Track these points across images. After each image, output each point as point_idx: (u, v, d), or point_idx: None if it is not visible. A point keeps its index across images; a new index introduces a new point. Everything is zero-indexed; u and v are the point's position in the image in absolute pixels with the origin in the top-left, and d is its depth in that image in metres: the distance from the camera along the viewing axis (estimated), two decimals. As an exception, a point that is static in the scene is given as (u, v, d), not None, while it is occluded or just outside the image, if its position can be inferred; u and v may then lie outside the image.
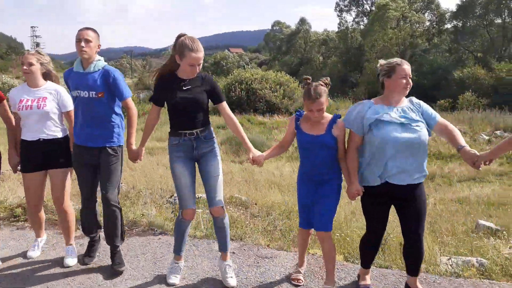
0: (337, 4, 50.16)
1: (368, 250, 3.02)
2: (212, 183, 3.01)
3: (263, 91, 22.77)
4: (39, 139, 3.22)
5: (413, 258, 2.86)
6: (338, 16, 50.24)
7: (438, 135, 2.92)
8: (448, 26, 40.68)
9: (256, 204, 5.81)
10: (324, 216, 2.89)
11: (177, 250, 3.20)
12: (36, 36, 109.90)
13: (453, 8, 39.68)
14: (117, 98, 3.18)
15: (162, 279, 3.17)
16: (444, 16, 40.77)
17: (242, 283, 3.13)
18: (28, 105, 3.18)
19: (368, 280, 3.07)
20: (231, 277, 3.10)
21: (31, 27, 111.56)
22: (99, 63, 3.15)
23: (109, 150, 3.16)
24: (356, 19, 48.99)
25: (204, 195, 6.61)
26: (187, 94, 2.92)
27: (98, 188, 3.34)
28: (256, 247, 3.77)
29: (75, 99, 3.16)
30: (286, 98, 23.12)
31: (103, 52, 3.38)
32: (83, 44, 3.03)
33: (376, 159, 2.74)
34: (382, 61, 2.86)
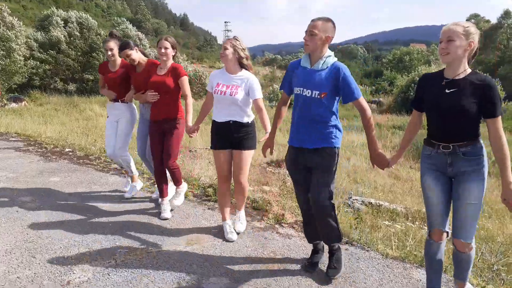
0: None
1: None
2: (461, 210, 2.43)
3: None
4: (229, 121, 3.45)
5: None
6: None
7: None
8: None
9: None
10: None
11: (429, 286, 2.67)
12: (227, 30, 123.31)
13: None
14: (345, 98, 2.81)
15: None
16: None
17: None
18: (222, 91, 3.41)
19: None
20: None
21: (225, 22, 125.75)
22: (329, 59, 2.80)
23: (326, 151, 2.86)
24: None
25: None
26: (449, 98, 2.35)
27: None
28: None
29: (296, 96, 2.93)
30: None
31: (282, 46, 3.21)
32: (306, 37, 2.77)
33: None
34: None
